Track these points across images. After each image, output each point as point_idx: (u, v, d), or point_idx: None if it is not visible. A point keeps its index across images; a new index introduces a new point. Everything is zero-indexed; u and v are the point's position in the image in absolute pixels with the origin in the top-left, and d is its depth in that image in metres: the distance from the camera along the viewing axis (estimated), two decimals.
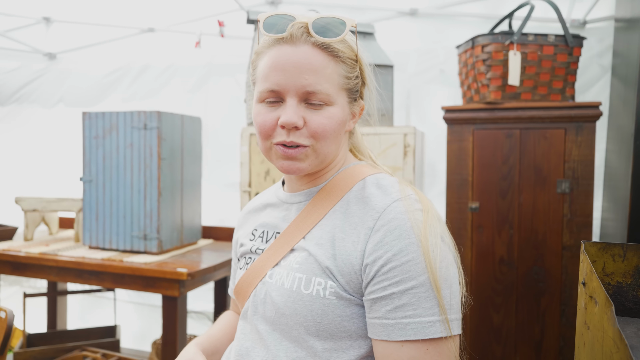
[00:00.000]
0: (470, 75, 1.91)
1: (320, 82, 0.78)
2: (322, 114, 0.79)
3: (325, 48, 0.79)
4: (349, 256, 0.77)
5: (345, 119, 0.83)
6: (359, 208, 0.81)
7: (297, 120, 0.77)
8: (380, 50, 2.12)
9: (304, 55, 0.77)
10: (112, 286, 2.12)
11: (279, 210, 0.93)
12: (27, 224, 2.52)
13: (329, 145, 0.81)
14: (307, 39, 0.78)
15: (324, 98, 0.78)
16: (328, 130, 0.79)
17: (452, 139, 1.89)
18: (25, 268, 2.26)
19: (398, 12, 2.49)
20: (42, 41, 3.16)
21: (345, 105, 0.83)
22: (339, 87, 0.81)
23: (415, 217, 0.76)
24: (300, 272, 0.80)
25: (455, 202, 1.88)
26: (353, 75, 0.83)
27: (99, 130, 2.25)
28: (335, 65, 0.80)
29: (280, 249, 0.85)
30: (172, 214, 2.26)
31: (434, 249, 0.74)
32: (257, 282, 0.85)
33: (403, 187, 0.83)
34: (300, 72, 0.77)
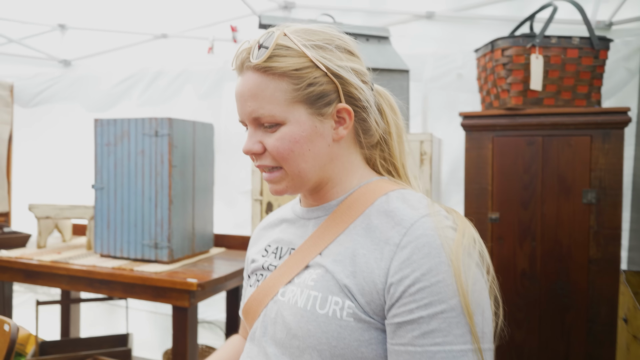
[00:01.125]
0: (490, 80, 1.84)
1: (262, 105, 0.76)
2: (274, 136, 0.77)
3: (263, 70, 0.76)
4: (371, 274, 0.71)
5: (310, 132, 0.76)
6: (382, 222, 0.75)
7: (251, 146, 0.78)
8: (396, 54, 2.06)
9: (245, 83, 0.77)
10: (122, 296, 2.09)
11: (295, 226, 0.88)
12: (40, 231, 2.51)
13: (296, 164, 0.77)
14: (247, 65, 0.77)
15: (270, 120, 0.76)
16: (282, 151, 0.76)
17: (470, 147, 1.81)
18: (37, 276, 2.25)
19: (414, 16, 2.42)
20: (57, 48, 3.18)
21: (304, 118, 0.76)
22: (288, 103, 0.75)
23: (445, 235, 0.70)
24: (316, 290, 0.74)
25: (474, 213, 1.80)
26: (303, 83, 0.75)
27: (111, 137, 2.23)
28: (277, 83, 0.75)
29: (294, 265, 0.80)
30: (183, 222, 2.22)
31: (466, 271, 0.68)
32: (268, 301, 0.80)
33: (431, 202, 0.77)
34: (245, 99, 0.77)
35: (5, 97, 2.94)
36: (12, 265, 2.26)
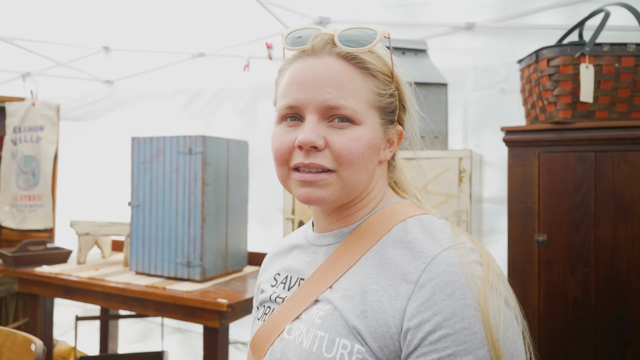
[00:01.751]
0: (535, 93, 1.72)
1: (345, 96, 0.67)
2: (347, 134, 0.67)
3: (351, 59, 0.68)
4: (384, 315, 0.62)
5: (377, 143, 0.70)
6: (398, 254, 0.66)
7: (315, 138, 0.66)
8: (433, 67, 1.97)
9: (326, 67, 0.68)
10: (155, 314, 2.08)
11: (306, 253, 0.80)
12: (80, 247, 2.56)
13: (357, 172, 0.68)
14: (331, 49, 0.69)
15: (349, 114, 0.67)
16: (354, 153, 0.67)
17: (514, 163, 1.69)
18: (75, 292, 2.28)
19: (453, 28, 2.33)
20: (101, 69, 3.29)
21: (376, 126, 0.70)
22: (369, 105, 0.69)
23: (471, 272, 0.60)
24: (323, 330, 0.66)
25: (519, 234, 1.67)
26: (387, 92, 0.71)
27: (147, 155, 2.26)
28: (363, 79, 0.69)
29: (303, 299, 0.72)
30: (216, 241, 2.20)
31: (497, 314, 0.58)
32: (274, 338, 0.73)
33: (455, 232, 0.67)
34: (322, 85, 0.67)
35: (52, 117, 3.05)
36: (53, 281, 2.31)
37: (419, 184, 1.73)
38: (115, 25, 2.96)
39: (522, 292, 1.66)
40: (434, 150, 1.73)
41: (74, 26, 2.99)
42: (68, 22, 2.95)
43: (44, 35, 3.01)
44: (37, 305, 2.52)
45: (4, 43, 2.96)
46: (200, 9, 2.61)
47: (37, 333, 2.51)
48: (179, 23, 2.80)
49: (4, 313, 2.81)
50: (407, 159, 1.74)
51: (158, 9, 2.73)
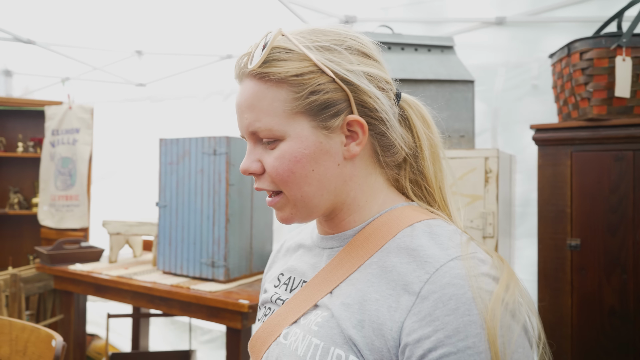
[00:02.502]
0: (567, 88, 1.63)
1: (258, 118, 0.65)
2: (273, 154, 0.66)
3: (262, 76, 0.65)
4: (382, 326, 0.58)
5: (313, 150, 0.65)
6: (401, 261, 0.61)
7: (249, 165, 0.68)
8: (460, 64, 1.90)
9: (242, 93, 0.67)
10: (179, 313, 2.10)
11: (311, 254, 0.77)
12: (111, 246, 2.62)
13: (298, 188, 0.65)
14: (245, 73, 0.67)
15: (267, 134, 0.65)
16: (281, 172, 0.65)
17: (544, 163, 1.60)
18: (105, 290, 2.34)
19: (482, 23, 2.25)
20: (134, 72, 3.38)
21: (306, 132, 0.64)
22: (288, 115, 0.64)
23: (479, 285, 0.55)
24: (318, 338, 0.62)
25: (550, 238, 1.58)
26: (305, 91, 0.64)
27: (173, 156, 2.29)
28: (275, 92, 0.64)
29: (302, 302, 0.69)
30: (240, 241, 2.20)
31: (505, 334, 0.53)
32: (271, 341, 0.70)
33: (466, 240, 0.62)
34: (242, 111, 0.67)
35: (87, 119, 3.15)
36: (85, 278, 2.38)
37: None
38: (147, 29, 3.03)
39: (553, 299, 1.57)
40: (458, 150, 1.67)
41: (108, 32, 3.09)
42: (103, 28, 3.05)
43: (81, 41, 3.12)
44: (71, 302, 2.60)
45: (45, 50, 3.09)
46: (227, 12, 2.64)
47: (71, 329, 2.59)
48: (206, 26, 2.84)
49: (43, 309, 2.92)
50: None
51: (187, 13, 2.78)
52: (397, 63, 1.86)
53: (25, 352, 1.41)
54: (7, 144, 3.53)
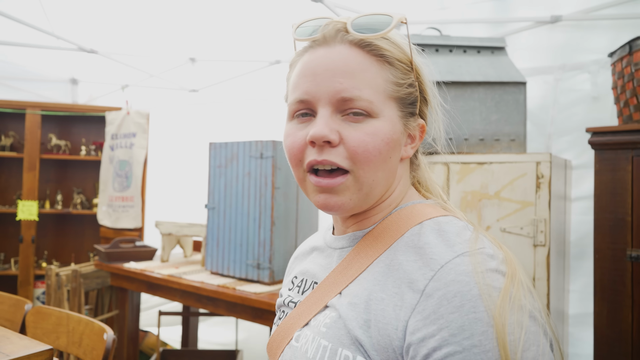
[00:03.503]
0: (628, 89, 1.53)
1: (359, 86, 0.61)
2: (362, 128, 0.61)
3: (365, 46, 0.62)
4: (387, 325, 0.57)
5: (397, 138, 0.64)
6: (408, 259, 0.60)
7: (327, 132, 0.61)
8: (511, 65, 1.84)
9: (338, 56, 0.62)
10: (225, 313, 2.15)
11: (323, 255, 0.77)
12: (163, 246, 2.73)
13: (374, 171, 0.63)
14: (343, 37, 0.63)
15: (364, 106, 0.61)
16: (371, 150, 0.61)
17: (602, 168, 1.51)
18: (157, 288, 2.43)
19: (536, 22, 2.16)
20: (187, 79, 3.51)
21: (395, 119, 0.64)
22: (386, 95, 0.63)
23: (486, 281, 0.53)
24: (326, 339, 0.62)
25: (608, 249, 1.49)
26: (405, 82, 0.65)
27: (222, 159, 2.35)
28: (379, 68, 0.63)
29: (313, 304, 0.69)
30: (285, 244, 2.22)
31: (515, 331, 0.50)
32: (284, 345, 0.70)
33: (476, 236, 0.60)
34: (334, 75, 0.61)
35: (143, 124, 3.31)
36: (138, 276, 2.48)
37: (490, 190, 1.61)
38: (200, 38, 3.14)
39: (611, 314, 1.48)
40: (508, 154, 1.61)
41: (164, 41, 3.23)
42: (159, 37, 3.19)
43: (139, 50, 3.28)
44: (125, 298, 2.72)
45: (106, 59, 3.27)
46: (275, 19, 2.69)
47: (125, 324, 2.71)
48: (256, 33, 2.91)
49: (100, 304, 3.07)
50: (479, 163, 1.64)
51: (237, 21, 2.85)
52: (444, 65, 1.83)
53: (80, 343, 1.49)
54: (72, 147, 3.76)
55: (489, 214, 1.61)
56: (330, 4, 2.09)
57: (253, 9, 2.73)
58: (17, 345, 1.12)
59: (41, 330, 1.60)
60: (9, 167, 3.74)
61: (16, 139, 3.65)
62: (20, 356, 1.05)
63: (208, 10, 2.83)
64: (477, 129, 1.75)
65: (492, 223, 1.60)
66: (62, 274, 2.75)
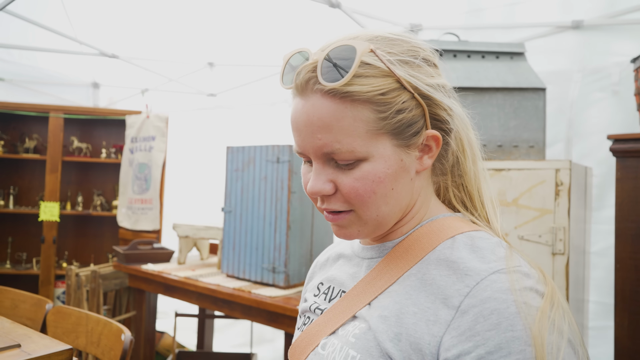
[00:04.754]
0: None
1: (338, 139, 0.60)
2: (353, 174, 0.61)
3: (336, 94, 0.60)
4: (420, 340, 0.56)
5: (395, 169, 0.63)
6: (441, 274, 0.60)
7: (321, 187, 0.63)
8: (530, 71, 1.82)
9: (312, 110, 0.61)
10: (240, 317, 2.16)
11: (350, 264, 0.77)
12: (180, 248, 2.76)
13: (375, 208, 0.63)
14: (314, 87, 0.61)
15: (346, 157, 0.60)
16: (362, 194, 0.61)
17: (623, 176, 1.49)
18: (174, 290, 2.46)
19: (557, 27, 2.13)
20: (206, 83, 3.55)
21: (389, 152, 0.62)
22: (371, 135, 0.60)
23: (523, 300, 0.53)
24: (355, 350, 0.62)
25: (630, 258, 1.46)
26: (390, 111, 0.61)
27: (239, 163, 2.37)
28: (356, 112, 0.59)
29: (341, 313, 0.68)
30: (300, 248, 2.23)
31: (554, 351, 0.50)
32: (309, 351, 0.70)
33: (511, 253, 0.59)
34: (312, 131, 0.61)
35: (162, 128, 3.35)
36: (155, 278, 2.51)
37: (508, 197, 1.60)
38: (218, 42, 3.18)
39: (633, 325, 1.44)
40: (527, 161, 1.59)
41: (183, 45, 3.28)
42: (178, 42, 3.24)
43: (158, 55, 3.34)
44: (143, 299, 2.76)
45: (127, 63, 3.33)
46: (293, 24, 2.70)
47: (142, 325, 2.75)
48: (273, 38, 2.93)
49: (118, 305, 3.12)
50: (496, 169, 1.62)
51: (255, 27, 2.88)
52: (462, 71, 1.81)
53: (99, 343, 1.52)
54: (93, 150, 3.83)
55: (507, 222, 1.59)
56: (348, 10, 2.10)
57: (271, 14, 2.76)
58: (39, 344, 1.15)
59: (61, 330, 1.64)
60: (32, 169, 3.83)
61: (39, 142, 3.74)
62: (41, 355, 1.07)
63: (226, 16, 2.87)
64: (495, 135, 1.73)
65: (510, 230, 1.58)
66: (81, 275, 2.80)
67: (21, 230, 3.78)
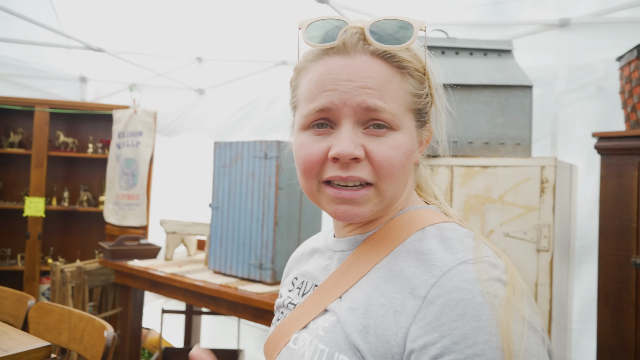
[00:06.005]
0: (636, 93, 1.51)
1: (384, 98, 0.60)
2: (386, 142, 0.60)
3: (388, 58, 0.61)
4: (386, 332, 0.56)
5: (414, 149, 0.65)
6: (410, 265, 0.59)
7: (354, 149, 0.59)
8: (517, 69, 1.82)
9: (361, 67, 0.60)
10: (227, 313, 2.15)
11: (323, 258, 0.76)
12: (167, 244, 2.73)
13: (397, 184, 0.62)
14: (364, 47, 0.61)
15: (388, 118, 0.60)
16: (395, 164, 0.60)
17: (607, 174, 1.50)
18: (160, 286, 2.44)
19: (545, 25, 2.14)
20: (194, 78, 3.52)
21: (412, 131, 0.64)
22: (406, 108, 0.62)
23: (489, 290, 0.53)
24: (324, 343, 0.61)
25: (612, 255, 1.47)
26: (423, 92, 0.64)
27: (227, 159, 2.35)
28: (401, 80, 0.62)
29: (313, 307, 0.68)
30: (287, 244, 2.22)
31: (518, 340, 0.50)
32: (281, 346, 0.69)
33: (478, 243, 0.59)
34: (358, 85, 0.59)
35: (150, 123, 3.32)
36: (142, 274, 2.49)
37: (494, 194, 1.60)
38: (207, 37, 3.15)
39: (615, 321, 1.46)
40: (512, 158, 1.59)
41: (171, 40, 3.24)
42: (166, 37, 3.20)
43: (146, 49, 3.30)
44: (129, 295, 2.74)
45: (114, 57, 3.29)
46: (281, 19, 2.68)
47: (128, 321, 2.72)
48: (262, 33, 2.91)
49: (104, 301, 3.09)
50: (483, 166, 1.62)
51: (243, 22, 2.86)
52: (450, 68, 1.81)
53: (81, 340, 1.50)
54: (79, 145, 3.78)
55: (493, 218, 1.59)
56: (336, 5, 2.09)
57: (260, 10, 2.73)
58: (16, 341, 1.13)
59: (43, 327, 1.62)
60: (17, 164, 3.77)
61: (25, 136, 3.69)
62: (19, 352, 1.06)
63: (215, 11, 2.84)
64: (482, 132, 1.73)
65: (495, 227, 1.59)
66: (66, 271, 2.77)
67: (6, 225, 3.73)
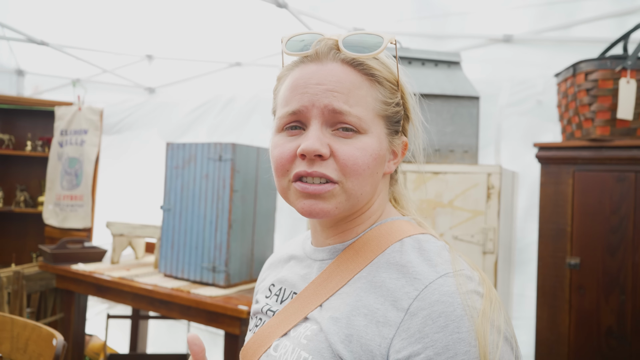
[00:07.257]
0: (571, 108, 1.64)
1: (350, 102, 0.63)
2: (352, 143, 0.63)
3: (357, 65, 0.65)
4: (370, 342, 0.58)
5: (383, 154, 0.67)
6: (390, 277, 0.62)
7: (319, 146, 0.62)
8: (466, 80, 1.92)
9: (330, 72, 0.64)
10: (179, 317, 2.11)
11: (302, 265, 0.78)
12: (114, 247, 2.64)
13: (362, 184, 0.65)
14: (335, 55, 0.65)
15: (354, 122, 0.63)
16: (360, 164, 0.63)
17: (546, 181, 1.62)
18: (106, 291, 2.36)
19: (489, 40, 2.27)
20: (143, 77, 3.42)
21: (382, 136, 0.67)
22: (375, 113, 0.66)
23: (468, 303, 0.56)
24: (307, 351, 0.63)
25: (549, 256, 1.59)
26: (393, 101, 0.68)
27: (179, 160, 2.31)
28: (369, 87, 0.65)
29: (292, 315, 0.70)
30: (242, 247, 2.21)
31: (494, 350, 0.54)
32: (261, 353, 0.70)
33: (454, 256, 0.63)
34: (326, 89, 0.63)
35: (96, 121, 3.19)
36: (87, 278, 2.39)
37: (444, 199, 1.68)
38: (158, 34, 3.08)
39: (551, 317, 1.58)
40: (461, 165, 1.68)
41: (120, 35, 3.13)
42: (115, 32, 3.09)
43: (92, 44, 3.17)
44: (72, 301, 2.62)
45: (57, 51, 3.13)
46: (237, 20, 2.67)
47: (71, 328, 2.60)
48: (216, 33, 2.88)
49: (43, 307, 2.93)
50: (434, 172, 1.70)
51: (197, 20, 2.82)
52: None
53: (25, 349, 1.43)
54: (16, 142, 3.57)
55: (443, 222, 1.68)
56: (295, 11, 2.11)
57: (215, 10, 2.71)
58: None
59: None
60: None
61: None
62: None
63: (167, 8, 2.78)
64: (433, 140, 1.82)
65: (445, 230, 1.67)
66: (2, 276, 2.61)
67: None
